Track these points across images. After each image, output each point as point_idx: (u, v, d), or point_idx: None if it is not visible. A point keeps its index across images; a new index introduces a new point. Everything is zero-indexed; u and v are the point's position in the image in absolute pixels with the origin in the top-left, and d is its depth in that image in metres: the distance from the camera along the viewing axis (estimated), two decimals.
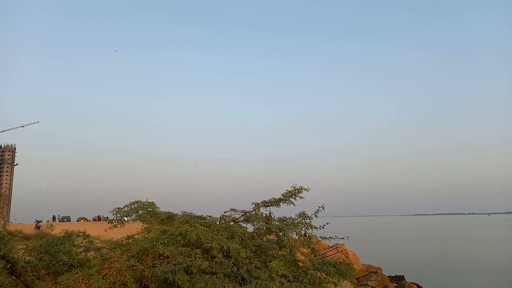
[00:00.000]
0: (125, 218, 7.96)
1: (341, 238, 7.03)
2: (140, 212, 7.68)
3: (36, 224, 39.01)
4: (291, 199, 7.13)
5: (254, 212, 7.55)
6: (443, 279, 30.13)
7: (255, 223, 7.49)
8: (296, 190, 7.10)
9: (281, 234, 6.63)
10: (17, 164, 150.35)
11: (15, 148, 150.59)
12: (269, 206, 7.43)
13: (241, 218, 7.75)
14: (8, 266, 4.83)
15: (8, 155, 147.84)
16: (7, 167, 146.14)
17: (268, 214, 7.56)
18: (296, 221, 7.10)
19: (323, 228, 7.30)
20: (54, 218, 65.26)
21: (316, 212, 7.02)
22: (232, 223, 7.61)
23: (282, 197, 7.18)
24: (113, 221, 8.06)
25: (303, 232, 7.18)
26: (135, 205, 7.70)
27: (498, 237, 79.58)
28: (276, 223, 7.09)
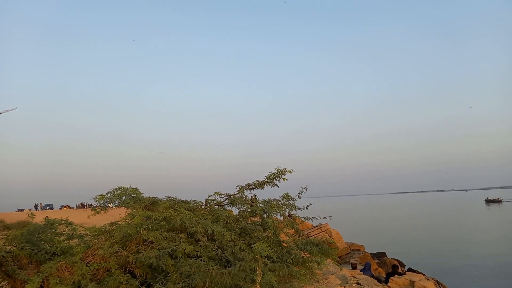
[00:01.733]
0: (110, 205, 7.88)
1: (323, 218, 7.17)
2: (123, 198, 7.61)
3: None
4: (275, 181, 7.19)
5: (238, 195, 7.60)
6: (422, 254, 31.27)
7: (240, 206, 7.54)
8: (280, 172, 7.16)
9: (265, 216, 6.71)
10: None
11: None
12: (253, 188, 7.48)
13: (226, 201, 7.78)
14: None
15: None
16: None
17: (253, 197, 7.62)
18: (280, 203, 7.19)
19: (306, 208, 7.42)
20: (36, 206, 64.12)
21: (299, 193, 7.12)
22: (216, 206, 7.64)
23: (266, 179, 7.23)
24: (96, 208, 7.97)
25: (287, 213, 7.29)
26: (118, 191, 7.60)
27: (475, 211, 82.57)
28: (261, 205, 7.16)
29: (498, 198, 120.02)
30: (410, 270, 17.81)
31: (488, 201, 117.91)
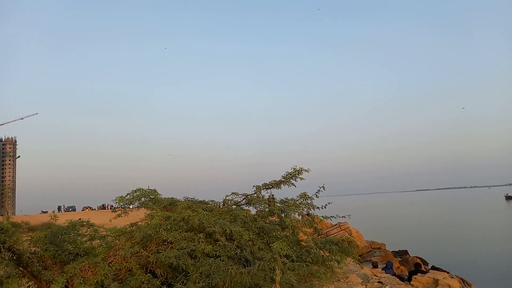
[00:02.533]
0: (130, 206, 8.00)
1: (342, 216, 7.08)
2: (142, 199, 7.72)
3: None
4: (291, 180, 7.15)
5: (255, 194, 7.59)
6: (445, 252, 30.58)
7: (257, 205, 7.54)
8: (296, 172, 7.12)
9: (283, 215, 6.68)
10: (19, 156, 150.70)
11: (15, 141, 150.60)
12: (270, 188, 7.46)
13: (243, 201, 7.79)
14: (15, 257, 4.89)
15: (9, 147, 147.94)
16: (9, 160, 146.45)
17: (270, 196, 7.60)
18: (297, 202, 7.14)
19: (325, 208, 7.35)
20: (59, 208, 65.90)
21: (317, 192, 7.05)
22: (234, 206, 7.66)
23: (283, 179, 7.20)
24: (116, 210, 8.11)
25: (305, 212, 7.24)
26: (137, 193, 7.72)
27: (495, 208, 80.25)
28: (278, 204, 7.13)
29: None
30: (433, 268, 17.46)
31: (508, 198, 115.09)
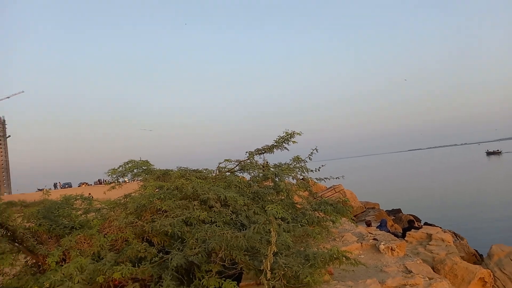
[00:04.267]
0: (125, 179, 7.93)
1: (336, 178, 7.12)
2: (135, 171, 7.66)
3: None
4: (284, 144, 7.10)
5: (248, 160, 7.56)
6: (438, 209, 31.42)
7: (251, 171, 7.52)
8: (289, 135, 7.05)
9: (277, 179, 6.68)
10: (9, 136, 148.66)
11: (4, 120, 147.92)
12: (263, 153, 7.42)
13: (237, 168, 7.77)
14: (8, 234, 4.85)
15: None
16: (0, 139, 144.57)
17: (264, 162, 7.57)
18: (291, 166, 7.13)
19: (318, 170, 7.36)
20: (55, 185, 65.89)
21: (310, 154, 7.04)
22: (228, 173, 7.64)
23: (275, 143, 7.15)
24: (111, 183, 8.06)
25: (300, 176, 7.24)
26: (129, 165, 7.65)
27: (477, 165, 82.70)
28: (272, 169, 7.12)
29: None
30: (426, 224, 17.94)
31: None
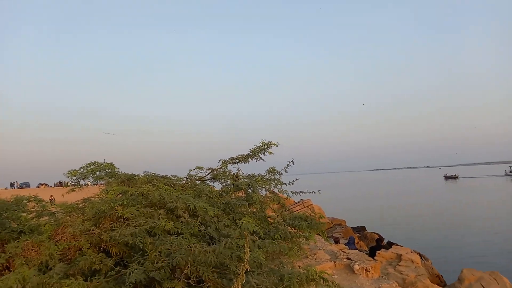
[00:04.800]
0: (88, 183, 7.37)
1: (312, 192, 6.92)
2: (97, 173, 7.11)
3: None
4: (260, 154, 6.84)
5: (221, 169, 7.22)
6: (400, 228, 32.17)
7: (223, 181, 7.19)
8: (265, 145, 6.81)
9: (250, 191, 6.39)
10: None
11: None
12: (237, 162, 7.11)
13: (208, 176, 7.40)
14: None
15: None
16: None
17: (237, 172, 7.27)
18: (265, 178, 6.87)
19: (292, 184, 7.15)
20: (12, 184, 62.29)
21: (286, 167, 6.81)
22: (198, 181, 7.26)
23: (251, 153, 6.87)
24: (69, 185, 7.46)
25: (274, 189, 6.99)
26: (91, 167, 7.10)
27: (434, 187, 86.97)
28: (245, 180, 6.82)
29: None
30: (389, 243, 18.16)
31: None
